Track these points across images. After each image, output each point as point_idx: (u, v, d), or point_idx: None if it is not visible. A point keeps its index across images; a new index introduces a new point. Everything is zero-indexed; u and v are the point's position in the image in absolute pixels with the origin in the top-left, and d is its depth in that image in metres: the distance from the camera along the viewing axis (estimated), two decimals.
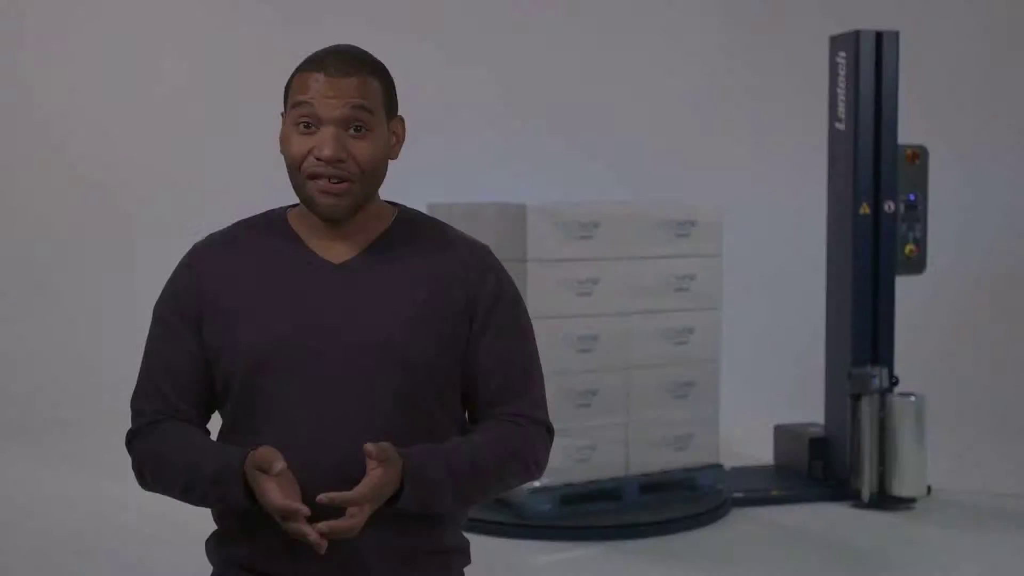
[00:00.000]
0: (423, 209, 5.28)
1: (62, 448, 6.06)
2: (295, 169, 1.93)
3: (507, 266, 2.11)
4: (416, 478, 1.86)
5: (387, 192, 2.06)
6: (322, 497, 1.78)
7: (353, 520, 1.79)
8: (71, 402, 6.70)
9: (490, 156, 7.52)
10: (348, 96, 1.90)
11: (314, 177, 1.91)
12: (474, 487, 1.94)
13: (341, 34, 2.24)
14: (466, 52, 7.81)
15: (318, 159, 1.89)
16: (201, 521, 2.14)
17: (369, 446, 1.80)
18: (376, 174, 1.95)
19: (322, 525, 1.77)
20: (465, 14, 7.85)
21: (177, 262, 2.06)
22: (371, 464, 1.81)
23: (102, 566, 4.33)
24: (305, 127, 1.90)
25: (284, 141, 1.94)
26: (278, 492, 1.79)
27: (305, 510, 1.77)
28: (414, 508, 1.88)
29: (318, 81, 1.90)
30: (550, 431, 2.05)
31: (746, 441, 6.18)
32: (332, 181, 1.90)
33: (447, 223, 2.12)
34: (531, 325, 2.08)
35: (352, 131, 1.91)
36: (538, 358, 2.08)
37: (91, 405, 6.59)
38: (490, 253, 2.07)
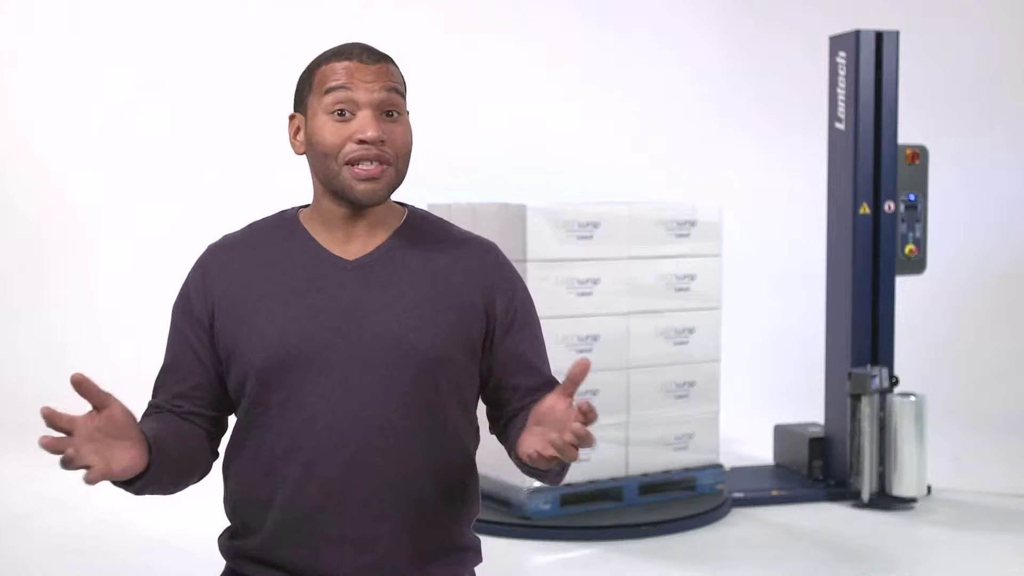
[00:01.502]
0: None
1: None
2: (331, 158, 1.92)
3: None
4: None
5: None
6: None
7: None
8: (71, 402, 6.69)
9: (490, 156, 7.52)
10: (383, 80, 1.93)
11: (352, 163, 1.92)
12: None
13: (337, 38, 2.23)
14: (466, 52, 7.82)
15: (361, 141, 1.90)
16: (202, 522, 2.14)
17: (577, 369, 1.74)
18: (408, 160, 1.98)
19: (578, 427, 1.68)
20: (465, 15, 7.85)
21: (181, 264, 2.07)
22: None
23: (102, 566, 4.33)
24: (339, 115, 1.91)
25: (316, 132, 1.93)
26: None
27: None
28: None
29: (350, 68, 1.92)
30: None
31: (746, 441, 6.18)
32: (373, 164, 1.91)
33: (455, 224, 2.14)
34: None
35: (385, 115, 1.93)
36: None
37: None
38: (499, 250, 2.10)
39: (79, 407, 1.74)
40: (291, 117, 2.01)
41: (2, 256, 7.27)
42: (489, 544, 4.49)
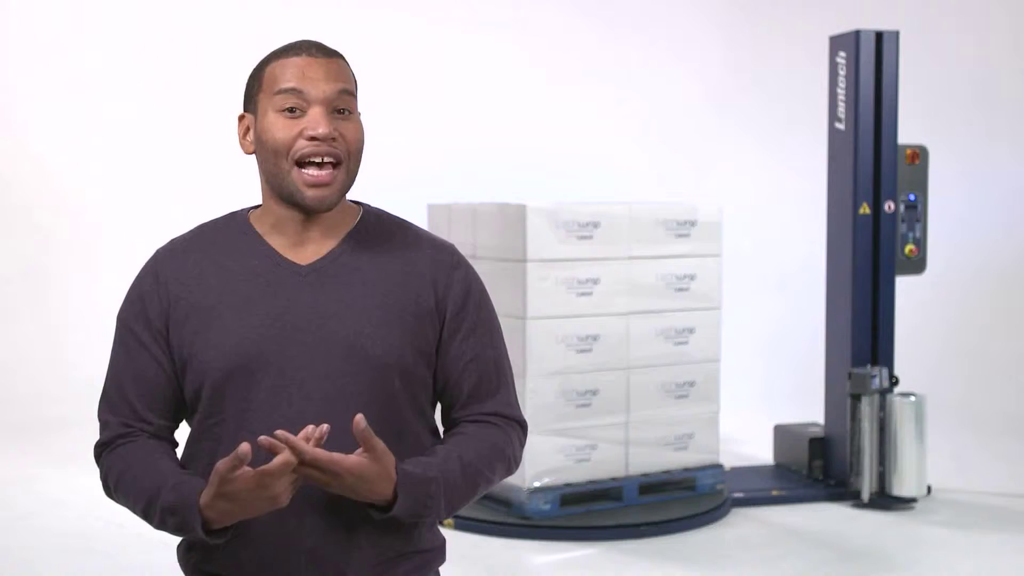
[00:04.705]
0: (423, 209, 5.28)
1: (62, 448, 6.05)
2: (281, 157, 1.87)
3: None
4: (411, 489, 1.82)
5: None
6: (279, 434, 1.71)
7: (321, 476, 1.75)
8: (71, 402, 6.70)
9: (490, 156, 7.53)
10: (334, 77, 1.88)
11: (303, 163, 1.87)
12: (465, 494, 1.92)
13: (335, 39, 2.22)
14: (466, 52, 7.82)
15: (311, 138, 1.85)
16: None
17: (359, 418, 1.74)
18: (359, 160, 1.93)
19: (280, 433, 1.72)
20: (466, 14, 7.86)
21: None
22: (359, 451, 1.77)
23: (102, 566, 4.33)
24: (290, 112, 1.87)
25: (266, 130, 1.88)
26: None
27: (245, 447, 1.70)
28: (405, 518, 1.84)
29: (300, 64, 1.87)
30: (524, 427, 2.04)
31: (746, 441, 6.19)
32: (323, 162, 1.86)
33: (412, 223, 2.08)
34: (499, 322, 2.06)
35: (336, 113, 1.89)
36: (507, 354, 2.07)
37: (90, 405, 6.59)
38: (456, 251, 2.04)
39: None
40: (240, 117, 1.96)
41: (4, 256, 7.27)
42: (489, 544, 4.51)
